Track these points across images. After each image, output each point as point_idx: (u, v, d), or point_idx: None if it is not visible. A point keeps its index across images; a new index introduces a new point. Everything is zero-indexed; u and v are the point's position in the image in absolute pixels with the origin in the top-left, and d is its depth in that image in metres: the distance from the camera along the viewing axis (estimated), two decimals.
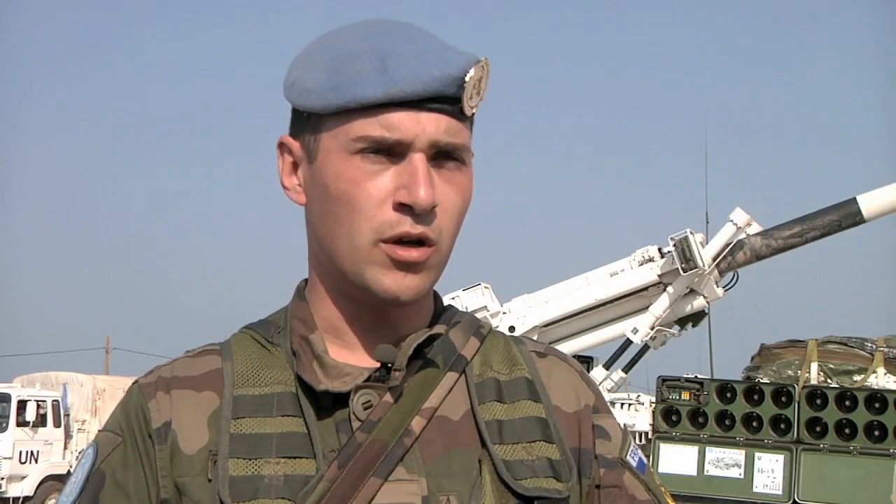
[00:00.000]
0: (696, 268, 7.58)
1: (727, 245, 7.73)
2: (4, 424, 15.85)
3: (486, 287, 8.16)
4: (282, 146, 1.18)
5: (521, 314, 8.13)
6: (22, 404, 15.93)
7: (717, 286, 7.94)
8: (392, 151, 1.09)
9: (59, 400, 16.86)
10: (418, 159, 1.09)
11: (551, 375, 1.22)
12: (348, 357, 1.16)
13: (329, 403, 1.13)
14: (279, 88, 1.18)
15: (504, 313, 8.11)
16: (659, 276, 7.94)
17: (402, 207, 1.09)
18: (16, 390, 16.53)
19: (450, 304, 1.24)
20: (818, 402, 5.88)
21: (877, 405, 5.77)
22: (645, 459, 1.25)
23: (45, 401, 16.40)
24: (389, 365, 1.14)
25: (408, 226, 1.09)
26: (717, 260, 7.73)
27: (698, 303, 8.00)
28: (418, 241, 1.10)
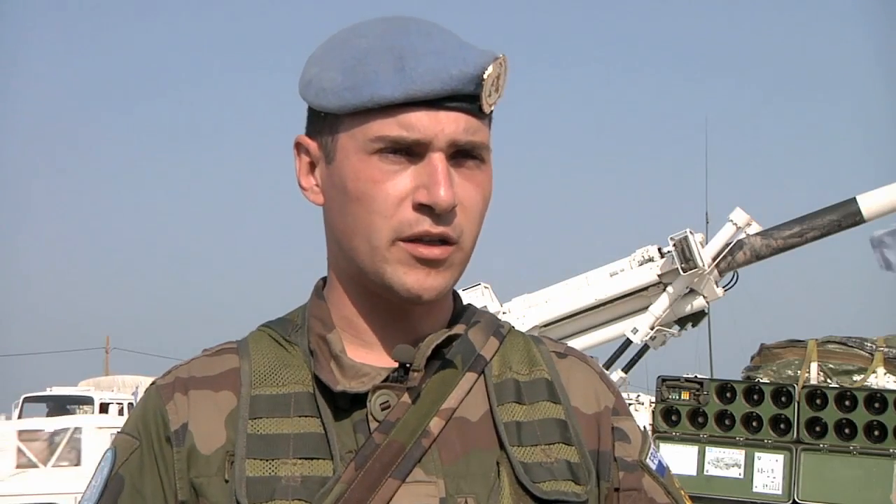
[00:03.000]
0: (695, 268, 7.57)
1: (727, 245, 7.72)
2: None
3: (486, 287, 8.13)
4: (298, 146, 1.17)
5: (521, 314, 8.11)
6: (104, 406, 16.64)
7: (717, 286, 7.93)
8: (411, 151, 1.08)
9: (133, 403, 17.42)
10: (437, 159, 1.08)
11: (571, 376, 1.21)
12: (366, 357, 1.15)
13: (347, 404, 1.12)
14: (294, 85, 1.16)
15: (504, 313, 8.08)
16: (659, 276, 7.92)
17: (421, 208, 1.08)
18: (97, 393, 17.49)
19: (469, 304, 1.23)
20: (818, 402, 5.86)
21: (877, 405, 5.75)
22: (665, 462, 1.24)
23: (121, 403, 17.12)
24: (408, 365, 1.12)
25: (427, 225, 1.08)
26: (717, 260, 7.72)
27: (698, 303, 7.99)
28: (439, 240, 1.09)
